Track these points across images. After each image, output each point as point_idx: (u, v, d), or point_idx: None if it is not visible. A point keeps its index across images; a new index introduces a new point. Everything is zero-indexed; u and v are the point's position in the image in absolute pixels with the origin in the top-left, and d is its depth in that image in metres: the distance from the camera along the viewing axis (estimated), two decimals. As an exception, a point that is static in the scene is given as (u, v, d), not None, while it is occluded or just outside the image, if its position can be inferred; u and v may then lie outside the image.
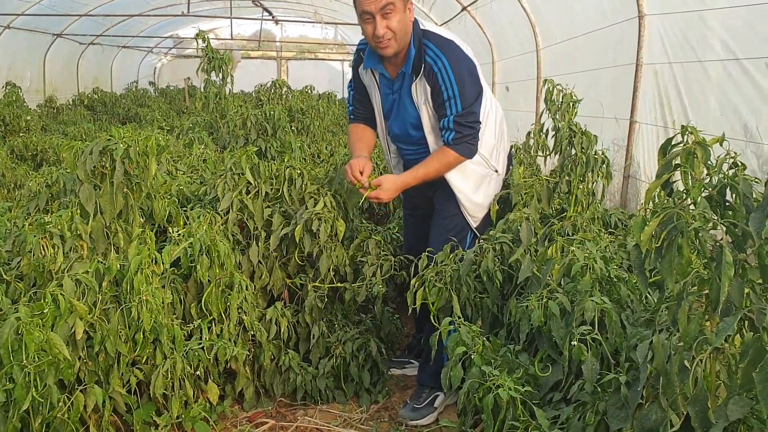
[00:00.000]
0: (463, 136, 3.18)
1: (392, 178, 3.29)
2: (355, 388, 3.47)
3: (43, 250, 2.69)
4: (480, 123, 3.22)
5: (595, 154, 3.36)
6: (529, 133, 3.95)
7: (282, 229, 3.40)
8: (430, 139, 3.30)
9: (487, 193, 3.39)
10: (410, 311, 3.08)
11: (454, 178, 3.30)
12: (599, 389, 2.21)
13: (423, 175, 3.27)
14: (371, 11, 3.03)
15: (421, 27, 3.17)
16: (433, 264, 3.10)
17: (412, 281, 3.07)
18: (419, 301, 2.99)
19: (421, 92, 3.20)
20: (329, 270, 3.41)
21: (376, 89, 3.39)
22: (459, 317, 2.79)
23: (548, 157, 3.67)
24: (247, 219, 3.43)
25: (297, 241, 3.33)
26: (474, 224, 3.38)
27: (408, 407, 3.32)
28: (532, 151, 3.89)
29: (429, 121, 3.26)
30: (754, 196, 1.52)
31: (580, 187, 3.36)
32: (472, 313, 2.98)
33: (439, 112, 3.20)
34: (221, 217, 3.36)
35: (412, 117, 3.31)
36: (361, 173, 3.23)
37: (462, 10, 8.91)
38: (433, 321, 2.94)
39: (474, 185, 3.34)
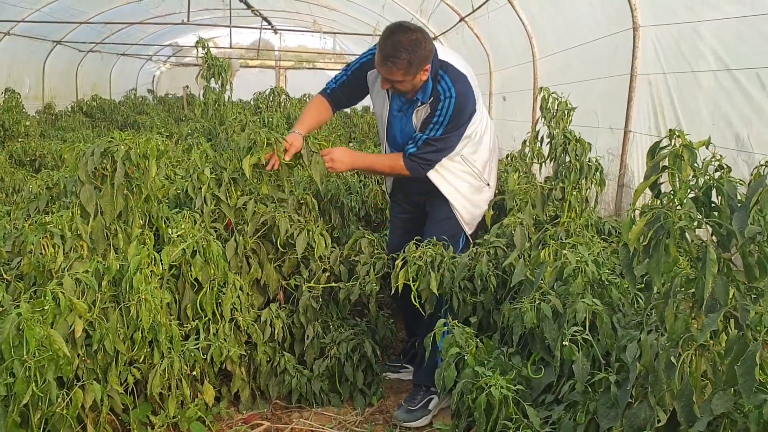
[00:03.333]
0: (422, 158, 3.35)
1: (343, 151, 3.49)
2: (349, 389, 3.50)
3: (44, 249, 2.73)
4: (443, 155, 3.37)
5: (589, 162, 3.41)
6: (524, 141, 4.00)
7: (261, 218, 3.44)
8: None
9: (480, 203, 3.55)
10: (392, 291, 3.19)
11: (449, 190, 3.44)
12: (590, 389, 2.25)
13: (371, 164, 3.55)
14: (389, 80, 3.20)
15: (440, 57, 3.28)
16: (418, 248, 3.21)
17: (396, 262, 3.19)
18: (401, 280, 3.10)
19: (421, 114, 3.34)
20: (330, 268, 3.46)
21: (386, 100, 3.46)
22: (437, 295, 2.95)
23: (543, 164, 3.72)
24: (224, 211, 3.47)
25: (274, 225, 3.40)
26: (468, 231, 3.48)
27: (402, 409, 3.35)
28: (527, 159, 3.93)
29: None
30: (738, 197, 1.57)
31: (574, 193, 3.40)
32: (459, 307, 3.04)
33: (419, 127, 3.36)
34: (199, 215, 3.39)
35: (410, 131, 3.44)
36: (286, 151, 3.35)
37: (459, 21, 8.97)
38: (416, 304, 3.06)
39: (469, 196, 3.48)
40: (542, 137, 3.69)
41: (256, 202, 3.48)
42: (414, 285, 3.06)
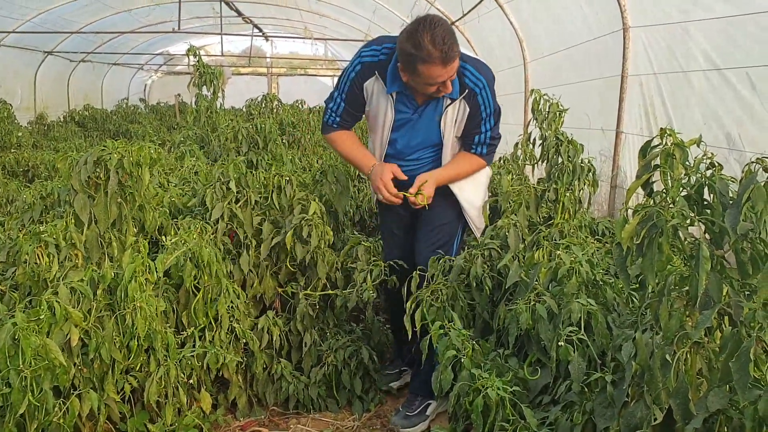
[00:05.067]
0: (493, 149, 3.32)
1: (427, 176, 3.23)
2: (347, 396, 3.50)
3: (38, 259, 2.73)
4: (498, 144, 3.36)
5: (582, 163, 3.42)
6: (516, 143, 4.02)
7: (273, 237, 3.44)
8: (446, 152, 3.33)
9: (484, 197, 3.49)
10: (410, 335, 3.01)
11: (466, 188, 3.38)
12: (586, 389, 2.26)
13: (455, 175, 3.31)
14: (445, 80, 2.99)
15: None
16: (425, 283, 3.14)
17: (407, 304, 3.05)
18: (419, 323, 2.96)
19: (455, 113, 3.20)
20: (326, 275, 3.46)
21: (389, 104, 3.23)
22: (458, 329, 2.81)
23: (535, 166, 3.74)
24: (237, 228, 3.47)
25: (288, 249, 3.37)
26: (478, 234, 3.46)
27: (400, 414, 3.34)
28: (519, 161, 3.95)
29: (450, 140, 3.29)
30: (730, 194, 1.58)
31: (567, 194, 3.42)
32: (462, 315, 3.02)
33: (473, 129, 3.24)
34: (211, 227, 3.41)
35: (431, 136, 3.30)
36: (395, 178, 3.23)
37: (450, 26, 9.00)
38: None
39: (479, 191, 3.44)
40: (534, 139, 3.70)
41: (270, 223, 3.51)
42: (432, 329, 2.86)
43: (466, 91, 3.16)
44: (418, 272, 3.20)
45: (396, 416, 3.34)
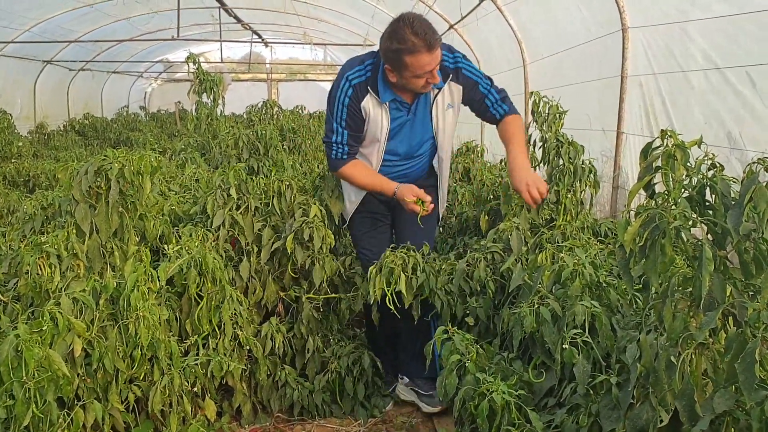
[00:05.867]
0: (509, 99, 3.42)
1: (521, 164, 3.23)
2: (351, 402, 3.49)
3: (40, 269, 2.72)
4: None
5: (583, 164, 3.42)
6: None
7: (273, 243, 3.44)
8: (443, 141, 3.46)
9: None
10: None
11: (444, 168, 3.51)
12: (591, 392, 2.25)
13: (523, 144, 3.36)
14: (432, 70, 3.05)
15: None
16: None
17: (370, 268, 3.14)
18: (378, 290, 3.05)
19: (449, 96, 3.31)
20: (323, 281, 3.45)
21: (385, 116, 3.29)
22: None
23: (537, 168, 3.73)
24: (238, 234, 3.47)
25: (289, 253, 3.37)
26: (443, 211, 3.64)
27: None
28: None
29: (447, 127, 3.41)
30: (732, 195, 1.58)
31: (569, 196, 3.41)
32: (443, 308, 3.05)
33: (477, 97, 3.36)
34: (212, 234, 3.40)
35: (426, 131, 3.41)
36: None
37: (449, 29, 9.00)
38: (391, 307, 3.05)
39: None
40: (534, 141, 3.70)
41: (270, 228, 3.51)
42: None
43: (450, 73, 3.26)
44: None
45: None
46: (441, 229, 4.34)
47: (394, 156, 3.45)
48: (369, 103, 3.26)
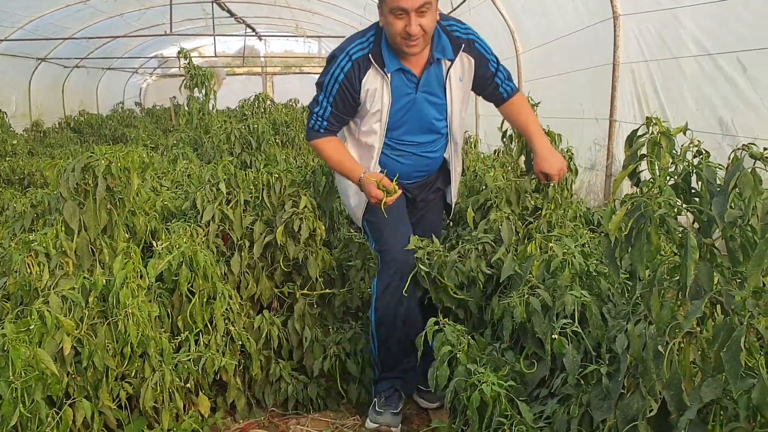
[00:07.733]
0: (511, 75, 3.39)
1: (549, 149, 3.28)
2: (357, 388, 3.43)
3: (29, 268, 2.71)
4: None
5: (561, 152, 3.43)
6: (510, 136, 4.00)
7: (265, 237, 3.43)
8: (454, 119, 3.26)
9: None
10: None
11: (457, 154, 3.40)
12: (582, 382, 2.24)
13: (537, 122, 3.36)
14: (406, 8, 2.85)
15: None
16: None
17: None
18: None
19: (460, 69, 3.15)
20: (318, 276, 3.44)
21: (386, 92, 3.10)
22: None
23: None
24: (228, 229, 3.46)
25: (280, 246, 3.35)
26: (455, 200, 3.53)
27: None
28: (513, 153, 3.93)
29: (458, 103, 3.22)
30: (718, 182, 1.56)
31: (551, 184, 3.42)
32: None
33: (488, 74, 3.26)
34: (203, 230, 3.39)
35: (436, 108, 3.20)
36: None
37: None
38: None
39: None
40: (510, 135, 3.73)
41: (262, 222, 3.49)
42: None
43: (462, 44, 3.12)
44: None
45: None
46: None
47: (398, 142, 3.24)
48: (370, 78, 3.07)
